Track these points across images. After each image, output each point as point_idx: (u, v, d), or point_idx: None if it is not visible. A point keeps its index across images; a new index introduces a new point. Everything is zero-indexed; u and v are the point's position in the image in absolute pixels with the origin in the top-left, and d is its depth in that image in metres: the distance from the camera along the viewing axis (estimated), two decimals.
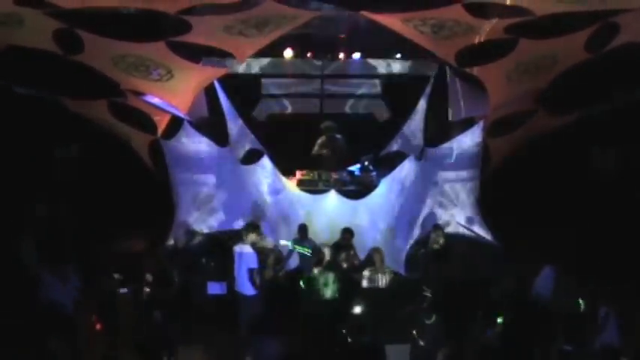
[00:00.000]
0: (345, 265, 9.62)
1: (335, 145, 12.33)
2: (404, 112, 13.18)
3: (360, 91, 14.20)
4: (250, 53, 10.48)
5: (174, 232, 11.41)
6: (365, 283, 9.13)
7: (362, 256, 10.60)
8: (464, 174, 11.48)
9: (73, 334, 8.62)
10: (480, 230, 11.74)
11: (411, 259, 10.79)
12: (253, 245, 9.39)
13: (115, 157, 11.99)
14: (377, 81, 14.06)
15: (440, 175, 11.50)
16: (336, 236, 10.34)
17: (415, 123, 12.85)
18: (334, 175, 11.83)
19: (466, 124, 11.38)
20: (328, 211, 11.15)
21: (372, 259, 9.39)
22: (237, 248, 9.35)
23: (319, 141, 12.40)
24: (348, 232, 10.23)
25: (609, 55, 9.35)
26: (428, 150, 11.31)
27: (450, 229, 11.24)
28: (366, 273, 9.25)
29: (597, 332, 8.14)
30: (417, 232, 11.19)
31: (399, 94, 13.65)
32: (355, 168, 12.16)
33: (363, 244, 10.81)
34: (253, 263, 9.22)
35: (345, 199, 11.19)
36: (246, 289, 9.22)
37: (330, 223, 10.83)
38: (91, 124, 11.04)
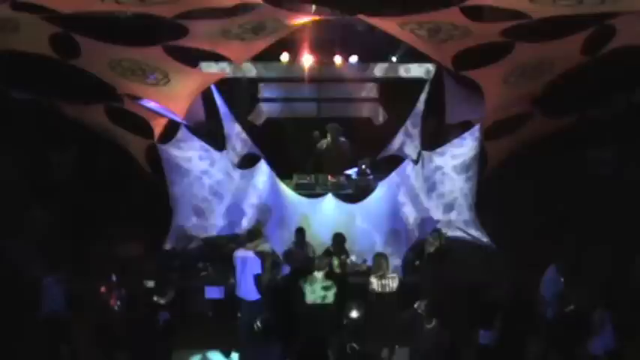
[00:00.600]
0: (338, 270, 9.58)
1: (339, 148, 12.34)
2: (401, 116, 13.20)
3: (357, 94, 14.21)
4: (247, 57, 10.47)
5: (171, 236, 11.41)
6: (375, 289, 9.06)
7: (359, 260, 10.59)
8: (461, 177, 11.47)
9: (72, 337, 8.64)
10: (477, 233, 11.74)
11: (409, 262, 10.77)
12: (255, 250, 9.36)
13: (111, 161, 11.97)
14: (374, 84, 14.08)
15: (437, 178, 11.50)
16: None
17: (412, 126, 12.86)
18: (331, 179, 11.83)
19: (463, 128, 11.39)
20: (326, 215, 11.15)
21: (379, 265, 9.32)
22: (240, 253, 9.31)
23: (323, 141, 12.42)
24: (339, 238, 10.19)
25: (605, 59, 9.36)
26: (425, 153, 11.31)
27: (447, 233, 11.24)
28: (374, 279, 9.19)
29: (594, 335, 8.16)
30: (414, 235, 11.18)
31: (396, 98, 13.66)
32: (352, 171, 12.15)
33: (360, 248, 10.81)
34: (258, 269, 9.18)
35: (342, 203, 11.19)
36: (250, 294, 9.19)
37: (327, 227, 10.82)
38: (88, 128, 11.04)
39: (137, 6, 8.21)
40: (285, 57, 12.67)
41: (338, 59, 12.83)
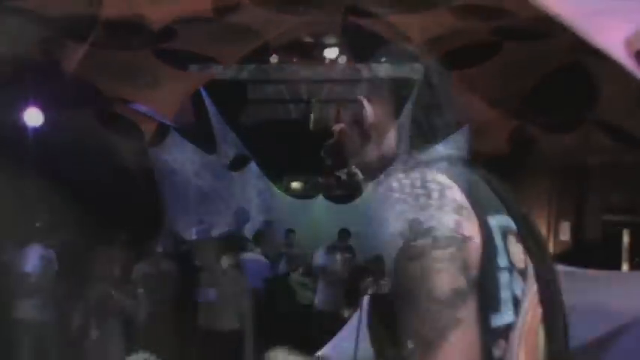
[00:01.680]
0: (339, 270, 9.51)
1: None
2: (391, 116, 13.18)
3: (347, 95, 14.21)
4: (236, 59, 10.44)
5: (162, 239, 11.34)
6: (373, 291, 9.02)
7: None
8: (450, 177, 11.50)
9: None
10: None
11: (398, 264, 10.79)
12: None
13: (102, 164, 11.87)
14: (363, 85, 14.05)
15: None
16: (324, 241, 10.32)
17: (402, 126, 12.85)
18: (321, 181, 11.84)
19: (452, 128, 11.39)
20: (316, 217, 11.16)
21: (380, 267, 9.27)
22: (249, 256, 9.23)
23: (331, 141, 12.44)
24: (345, 234, 10.09)
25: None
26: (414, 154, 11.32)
27: (437, 233, 11.26)
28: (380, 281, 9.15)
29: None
30: (404, 236, 11.21)
31: (385, 98, 13.64)
32: (342, 173, 12.15)
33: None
34: (267, 272, 9.14)
35: (332, 204, 11.19)
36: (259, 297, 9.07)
37: (317, 228, 10.82)
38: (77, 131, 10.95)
39: (125, 9, 8.16)
40: (274, 58, 12.65)
41: (327, 60, 12.82)
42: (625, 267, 9.49)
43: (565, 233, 10.45)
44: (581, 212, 10.48)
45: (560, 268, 1.76)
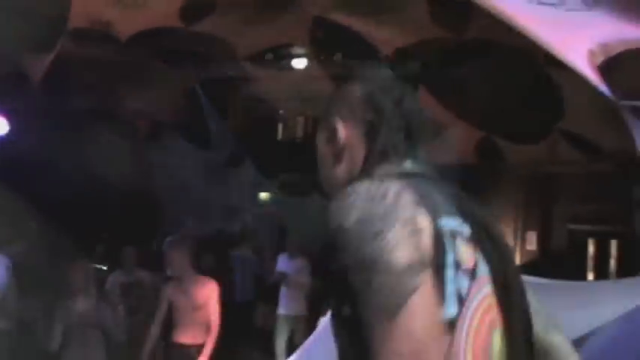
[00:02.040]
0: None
1: None
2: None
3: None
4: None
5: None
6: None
7: None
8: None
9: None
10: None
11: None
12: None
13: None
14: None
15: None
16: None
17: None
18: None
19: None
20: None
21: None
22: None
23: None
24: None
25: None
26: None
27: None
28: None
29: None
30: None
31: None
32: None
33: None
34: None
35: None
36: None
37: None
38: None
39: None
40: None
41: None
42: (590, 276, 9.59)
43: (532, 243, 10.53)
44: (547, 222, 10.57)
45: (526, 278, 1.86)
